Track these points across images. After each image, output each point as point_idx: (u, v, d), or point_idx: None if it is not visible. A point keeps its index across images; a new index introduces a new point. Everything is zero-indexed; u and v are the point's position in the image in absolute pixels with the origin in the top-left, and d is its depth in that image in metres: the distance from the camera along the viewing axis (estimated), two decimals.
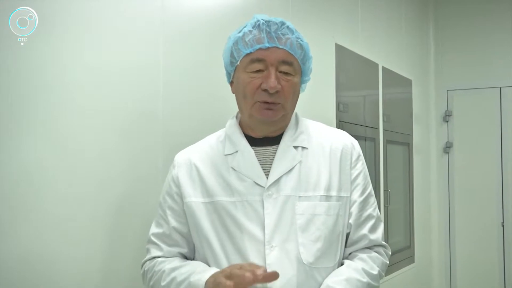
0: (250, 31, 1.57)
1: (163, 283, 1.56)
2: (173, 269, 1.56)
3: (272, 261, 1.51)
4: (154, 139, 2.03)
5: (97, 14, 1.84)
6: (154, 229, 1.68)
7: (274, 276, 1.39)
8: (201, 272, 1.50)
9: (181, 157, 1.70)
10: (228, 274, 1.40)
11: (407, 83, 4.67)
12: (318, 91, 3.12)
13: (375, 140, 3.95)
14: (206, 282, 1.45)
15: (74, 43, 1.74)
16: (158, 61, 2.06)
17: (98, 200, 1.81)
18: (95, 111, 1.81)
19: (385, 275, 1.70)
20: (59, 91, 1.70)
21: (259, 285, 1.50)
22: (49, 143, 1.67)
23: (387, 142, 4.14)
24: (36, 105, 1.63)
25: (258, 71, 1.56)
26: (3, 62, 1.54)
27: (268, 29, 1.56)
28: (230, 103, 1.77)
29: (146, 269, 1.66)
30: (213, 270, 1.49)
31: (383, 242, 1.70)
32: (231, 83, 1.68)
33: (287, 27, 1.59)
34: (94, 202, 1.79)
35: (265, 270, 1.38)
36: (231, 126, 1.69)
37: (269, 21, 1.58)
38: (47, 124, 1.67)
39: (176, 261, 1.61)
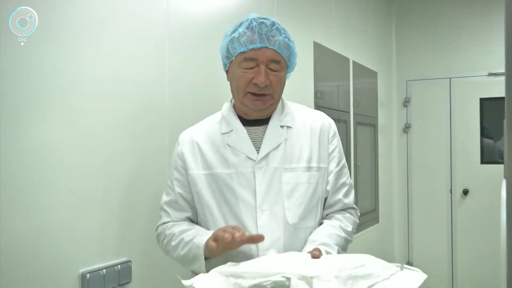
0: (244, 32, 1.54)
1: (173, 243, 1.56)
2: (181, 232, 1.55)
3: (263, 223, 1.51)
4: (161, 121, 2.00)
5: (108, 13, 1.76)
6: (164, 198, 1.67)
7: (259, 238, 1.39)
8: (203, 235, 1.49)
9: (184, 136, 1.68)
10: (214, 236, 1.40)
11: (373, 74, 4.66)
12: (299, 82, 3.11)
13: (346, 122, 3.94)
14: (205, 243, 1.45)
15: (88, 40, 1.66)
16: (164, 56, 2.02)
17: (113, 174, 1.77)
18: (109, 99, 1.76)
19: (356, 232, 1.70)
20: (74, 81, 1.64)
21: (252, 245, 1.50)
22: (66, 125, 1.60)
23: (356, 123, 4.14)
24: (53, 93, 1.56)
25: (251, 67, 1.54)
26: (3, 62, 1.42)
27: (260, 31, 1.52)
28: (224, 92, 1.74)
29: (159, 232, 1.65)
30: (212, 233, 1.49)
31: (354, 205, 1.70)
32: (226, 71, 1.65)
33: (276, 28, 1.55)
34: (108, 176, 1.75)
35: (243, 234, 1.37)
36: (227, 109, 1.67)
37: (261, 23, 1.54)
38: (64, 109, 1.60)
39: (184, 225, 1.60)
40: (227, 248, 1.41)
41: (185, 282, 1.23)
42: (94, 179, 1.70)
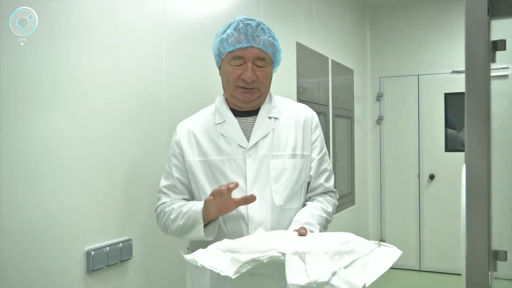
0: (232, 33, 1.53)
1: (172, 216, 1.54)
2: (180, 206, 1.55)
3: (252, 205, 1.50)
4: (160, 117, 1.98)
5: (106, 14, 1.70)
6: (163, 182, 1.65)
7: (252, 198, 1.42)
8: (199, 204, 1.49)
9: (181, 126, 1.67)
10: (211, 193, 1.42)
11: (350, 72, 4.66)
12: (284, 78, 3.11)
13: (326, 114, 3.95)
14: (202, 208, 1.46)
15: (88, 40, 1.60)
16: (161, 56, 1.99)
17: (115, 161, 1.76)
18: (112, 94, 1.74)
19: (335, 213, 1.71)
20: (79, 77, 1.59)
21: (243, 224, 1.50)
22: (72, 117, 1.57)
23: (335, 116, 4.15)
24: (61, 86, 1.53)
25: (239, 65, 1.54)
26: (3, 62, 1.33)
27: (246, 32, 1.52)
28: (216, 86, 1.72)
29: (159, 211, 1.63)
30: None
31: (334, 189, 1.71)
32: (219, 67, 1.64)
33: (261, 28, 1.55)
34: (111, 163, 1.74)
35: (237, 184, 1.40)
36: (220, 102, 1.66)
37: (247, 24, 1.53)
38: (72, 101, 1.58)
39: (182, 202, 1.59)
40: (223, 208, 1.42)
41: (187, 257, 1.23)
42: (98, 166, 1.68)
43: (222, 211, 1.45)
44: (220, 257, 1.20)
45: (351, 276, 1.09)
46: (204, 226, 1.46)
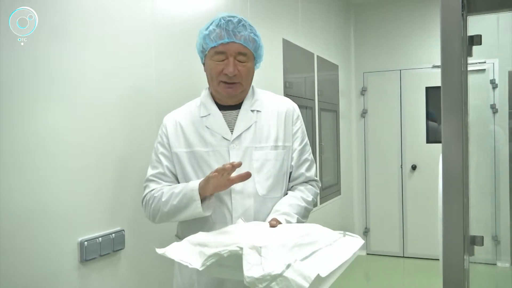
0: (214, 29, 1.53)
1: (164, 199, 1.51)
2: (171, 188, 1.52)
3: (236, 195, 1.51)
4: (149, 112, 1.98)
5: (98, 14, 1.70)
6: (151, 171, 1.62)
7: (247, 175, 1.42)
8: (194, 182, 1.48)
9: (168, 118, 1.66)
10: (214, 171, 1.39)
11: (335, 67, 4.67)
12: (270, 74, 3.10)
13: (312, 108, 3.95)
14: (199, 183, 1.45)
15: (79, 41, 1.58)
16: (150, 54, 1.98)
17: (106, 153, 1.75)
18: (103, 95, 1.72)
19: (320, 204, 1.71)
20: (72, 79, 1.57)
21: (227, 214, 1.51)
22: (65, 111, 1.56)
23: (321, 110, 4.15)
24: (54, 86, 1.51)
25: (221, 60, 1.53)
26: (3, 62, 1.30)
27: (227, 28, 1.51)
28: (202, 79, 1.71)
29: (147, 198, 1.58)
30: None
31: (316, 178, 1.70)
32: (203, 64, 1.64)
33: (242, 24, 1.54)
34: (102, 155, 1.72)
35: (240, 164, 1.39)
36: (205, 96, 1.65)
37: (228, 21, 1.53)
38: (63, 97, 1.57)
39: (171, 186, 1.56)
40: (219, 186, 1.43)
41: (159, 251, 1.25)
42: (91, 159, 1.67)
43: (217, 189, 1.44)
44: (190, 251, 1.23)
45: (305, 268, 1.09)
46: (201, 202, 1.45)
